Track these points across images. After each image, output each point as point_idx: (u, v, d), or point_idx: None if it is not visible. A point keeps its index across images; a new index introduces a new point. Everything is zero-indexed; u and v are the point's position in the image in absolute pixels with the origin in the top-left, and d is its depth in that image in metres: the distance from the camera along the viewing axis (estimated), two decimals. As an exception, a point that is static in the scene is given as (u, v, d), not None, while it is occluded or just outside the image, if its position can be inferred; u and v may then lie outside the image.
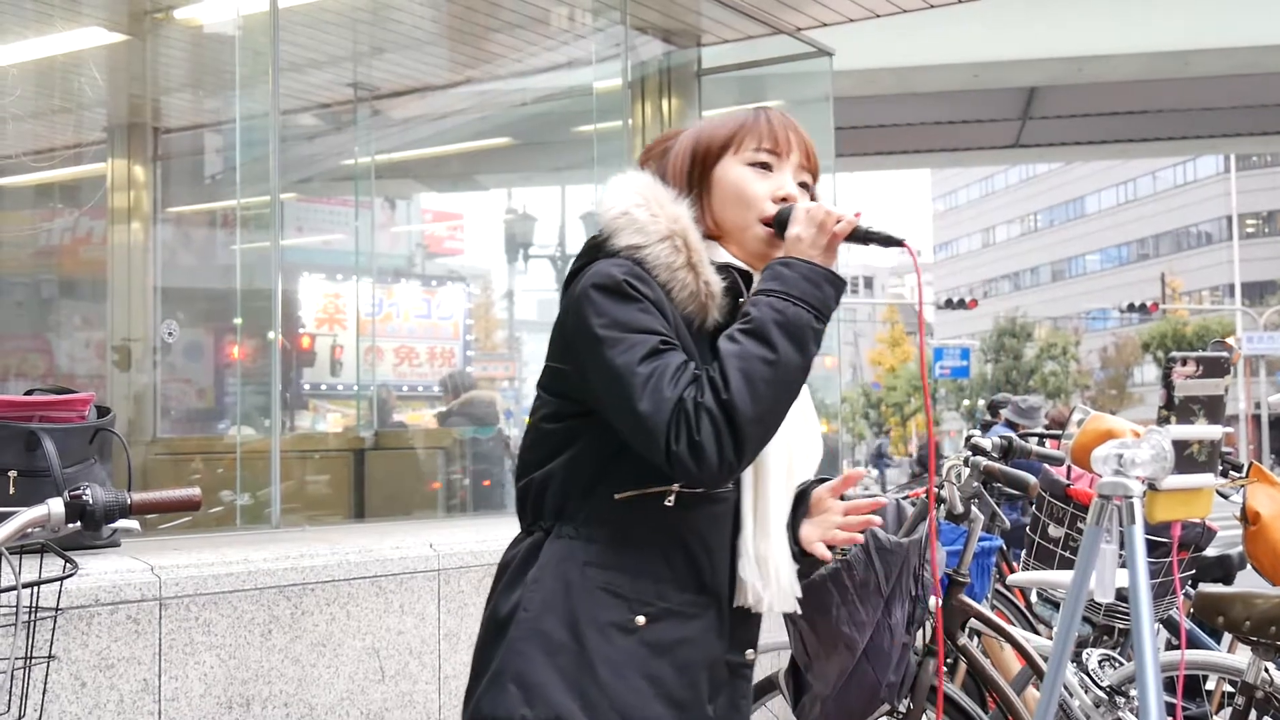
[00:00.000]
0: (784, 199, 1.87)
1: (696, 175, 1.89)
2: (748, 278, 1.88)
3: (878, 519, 1.96)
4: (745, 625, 1.89)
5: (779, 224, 1.85)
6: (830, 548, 2.90)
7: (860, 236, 1.84)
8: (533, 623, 1.77)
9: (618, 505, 1.79)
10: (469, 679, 1.86)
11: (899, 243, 1.85)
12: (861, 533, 2.79)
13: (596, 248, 1.85)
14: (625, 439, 1.76)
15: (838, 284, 1.80)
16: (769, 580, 1.86)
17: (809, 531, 1.95)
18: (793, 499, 1.94)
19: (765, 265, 1.84)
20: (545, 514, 1.85)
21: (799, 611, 1.93)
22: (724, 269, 1.85)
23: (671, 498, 1.79)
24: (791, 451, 1.93)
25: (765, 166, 1.89)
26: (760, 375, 1.70)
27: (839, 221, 1.80)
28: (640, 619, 1.77)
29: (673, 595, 1.80)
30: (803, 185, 1.92)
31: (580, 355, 1.78)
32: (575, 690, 1.74)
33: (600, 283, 1.76)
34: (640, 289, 1.75)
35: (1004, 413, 8.25)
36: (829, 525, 1.96)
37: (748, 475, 1.86)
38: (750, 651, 1.90)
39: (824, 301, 1.77)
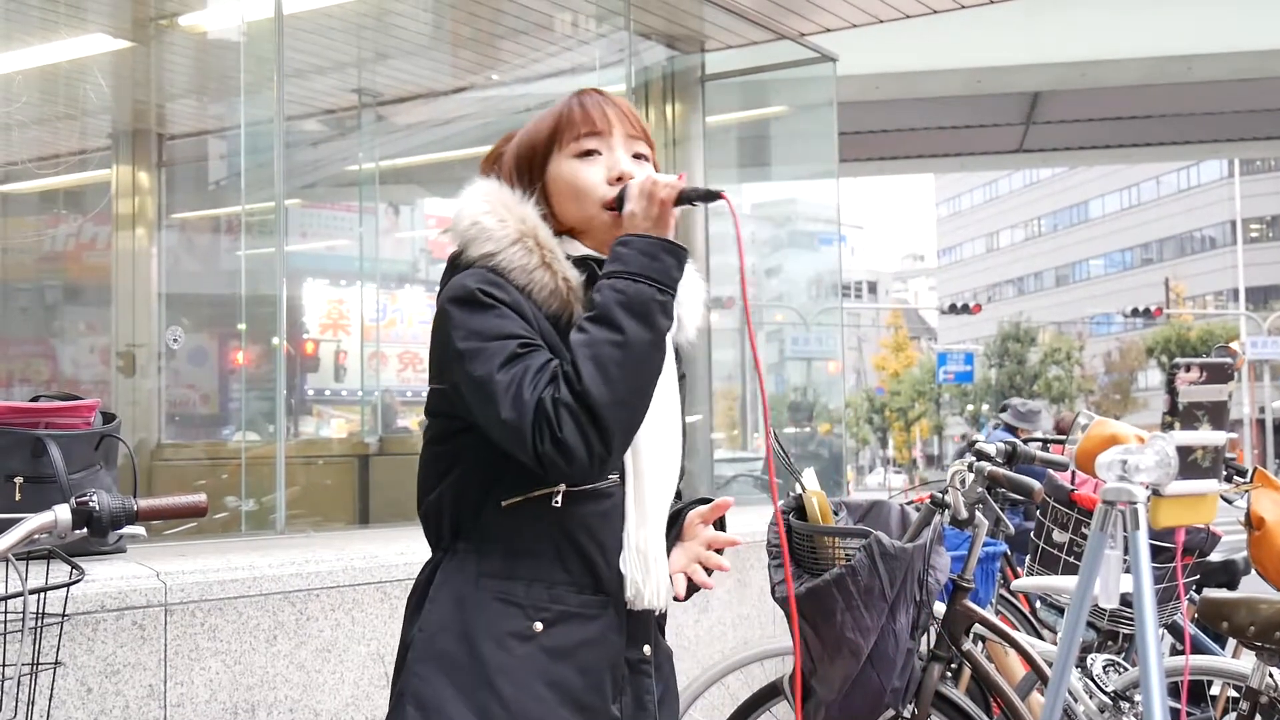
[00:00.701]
0: (620, 178, 1.85)
1: (530, 177, 1.88)
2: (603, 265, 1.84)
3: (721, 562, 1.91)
4: (642, 621, 1.85)
5: (620, 204, 1.83)
6: (832, 554, 2.90)
7: (685, 199, 1.81)
8: (429, 642, 1.77)
9: (507, 513, 1.78)
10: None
11: (718, 195, 1.82)
12: (866, 538, 2.80)
13: (454, 262, 1.85)
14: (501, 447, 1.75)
15: (676, 252, 1.77)
16: (648, 573, 1.81)
17: (676, 558, 1.90)
18: (671, 496, 1.90)
19: None
20: (445, 534, 1.85)
21: (662, 609, 1.87)
22: (581, 261, 1.84)
23: (558, 498, 1.77)
24: (665, 437, 1.88)
25: (593, 153, 1.86)
26: (611, 358, 1.68)
27: (665, 188, 1.78)
28: (538, 625, 1.75)
29: (570, 598, 1.78)
30: (638, 156, 1.89)
31: (450, 372, 1.78)
32: (475, 707, 1.71)
33: (455, 296, 1.76)
34: (495, 295, 1.75)
35: (1003, 416, 8.24)
36: (693, 555, 1.90)
37: (628, 464, 1.83)
38: (647, 647, 1.86)
39: (664, 272, 1.75)
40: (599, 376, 1.67)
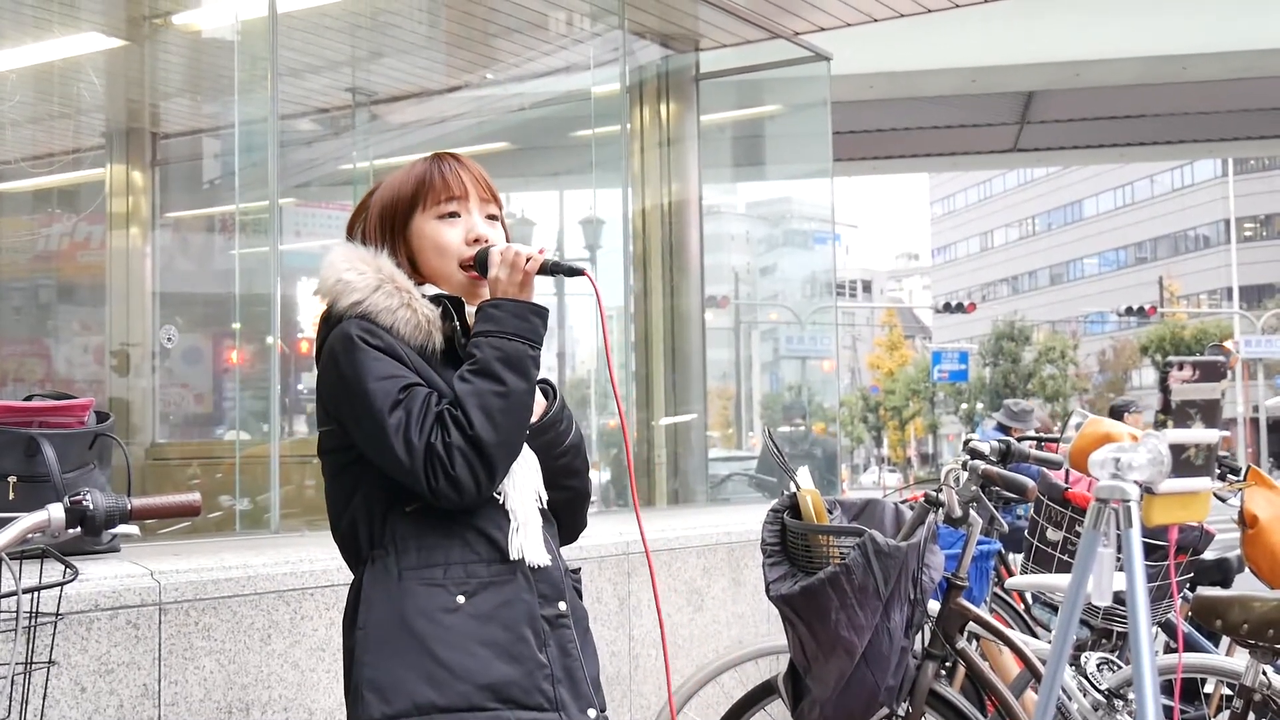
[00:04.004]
0: (477, 240, 2.13)
1: (389, 232, 2.14)
2: (457, 302, 2.12)
3: None
4: (551, 582, 2.07)
5: (479, 265, 2.10)
6: (827, 552, 2.92)
7: (548, 269, 2.09)
8: (371, 635, 1.97)
9: (412, 517, 2.01)
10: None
11: (580, 272, 2.11)
12: (861, 537, 2.80)
13: (327, 317, 2.09)
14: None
15: (542, 313, 2.07)
16: (525, 529, 2.04)
17: None
18: (533, 466, 2.12)
19: (473, 299, 2.11)
20: (361, 551, 2.06)
21: (554, 564, 2.09)
22: (436, 299, 2.10)
23: None
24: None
25: (453, 215, 2.13)
26: (497, 407, 1.97)
27: (528, 260, 2.06)
28: (460, 598, 1.98)
29: (481, 571, 2.01)
30: (490, 217, 2.17)
31: (340, 415, 2.03)
32: (423, 676, 1.93)
33: (337, 345, 2.01)
34: (371, 341, 1.99)
35: (995, 415, 8.26)
36: None
37: None
38: (562, 603, 2.08)
39: (534, 331, 2.05)
40: (488, 424, 1.96)
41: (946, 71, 16.15)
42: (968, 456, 3.35)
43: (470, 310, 2.12)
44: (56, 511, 1.89)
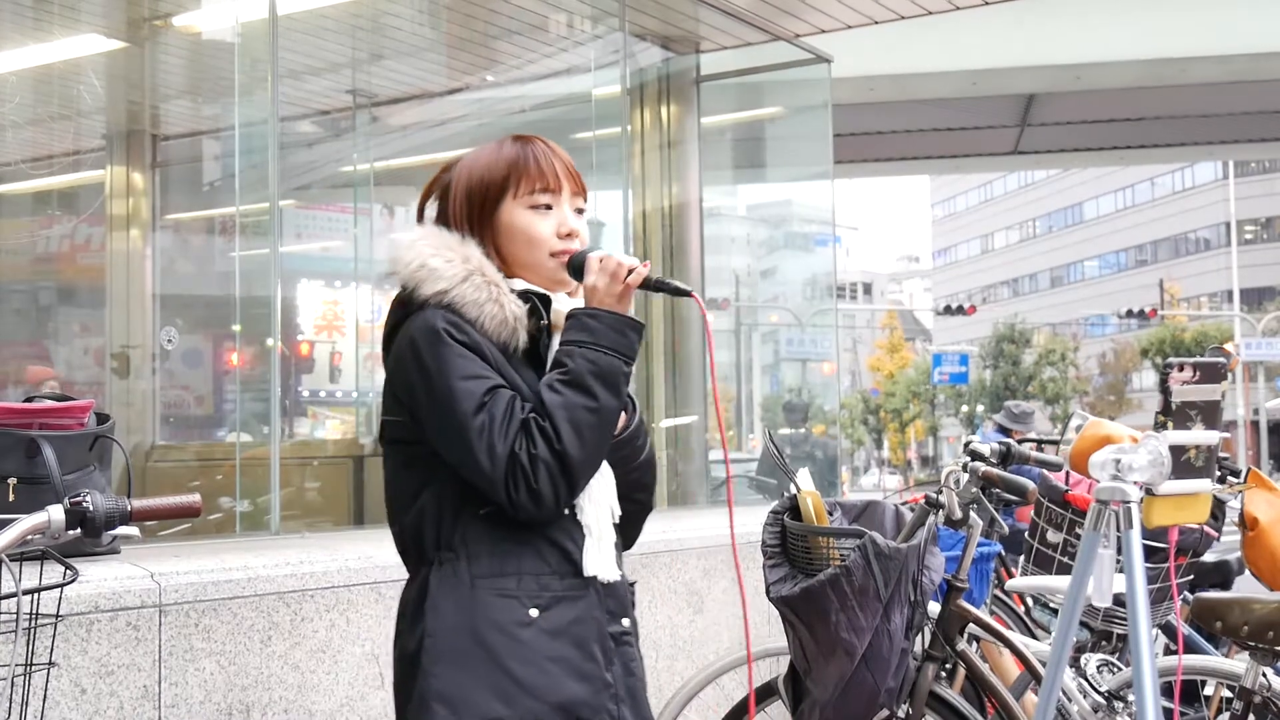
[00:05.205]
0: (569, 234, 2.04)
1: (477, 217, 2.04)
2: (546, 300, 2.04)
3: None
4: (617, 597, 2.02)
5: (573, 268, 2.02)
6: (827, 554, 2.92)
7: (651, 285, 2.00)
8: (440, 645, 1.91)
9: (484, 520, 1.94)
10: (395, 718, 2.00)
11: (687, 293, 2.02)
12: (861, 538, 2.80)
13: (405, 302, 2.00)
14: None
15: (639, 328, 1.99)
16: (600, 545, 1.99)
17: None
18: (609, 476, 2.05)
19: (558, 288, 2.03)
20: (426, 551, 1.98)
21: (621, 580, 2.04)
22: (523, 295, 2.01)
23: None
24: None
25: (546, 206, 2.04)
26: (586, 422, 1.90)
27: (630, 273, 1.98)
28: (534, 611, 1.92)
29: (555, 584, 1.95)
30: (579, 210, 2.08)
31: (416, 407, 1.95)
32: (494, 690, 1.87)
33: (419, 335, 1.93)
34: (457, 335, 1.92)
35: (996, 418, 8.26)
36: None
37: None
38: (626, 620, 2.04)
39: (630, 347, 1.97)
40: (576, 439, 1.89)
41: (947, 74, 16.13)
42: (968, 458, 3.34)
43: (557, 307, 2.04)
44: (56, 513, 1.89)
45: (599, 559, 1.98)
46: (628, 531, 2.14)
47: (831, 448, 9.28)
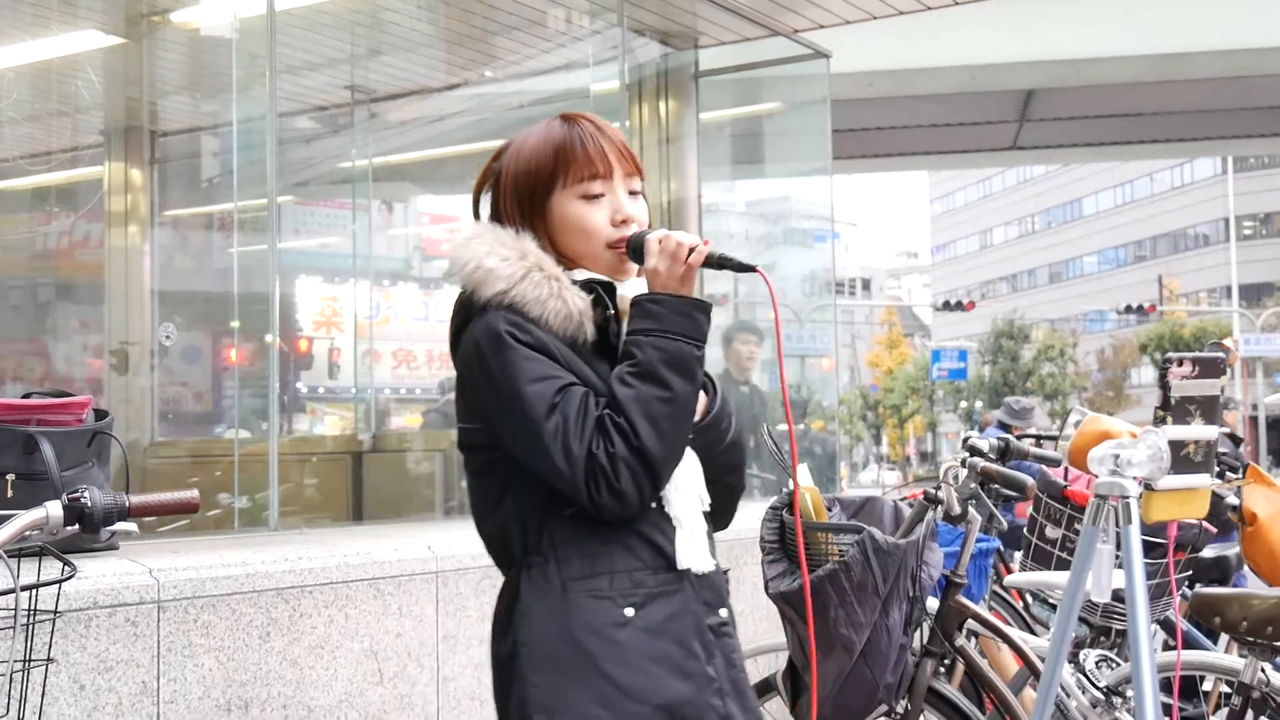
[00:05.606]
0: (624, 221, 1.96)
1: (527, 211, 1.97)
2: (609, 288, 1.97)
3: None
4: (714, 588, 1.96)
5: (633, 251, 1.94)
6: (825, 549, 2.91)
7: (714, 263, 1.92)
8: (536, 653, 1.86)
9: (571, 521, 1.88)
10: None
11: (751, 268, 1.94)
12: (859, 534, 2.80)
13: (467, 304, 1.94)
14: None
15: (706, 309, 1.91)
16: (691, 536, 1.93)
17: None
18: (696, 463, 1.99)
19: (622, 275, 1.97)
20: (514, 555, 1.93)
21: (716, 569, 1.98)
22: (585, 284, 1.94)
23: None
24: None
25: (597, 195, 1.96)
26: (662, 414, 1.84)
27: (691, 252, 1.90)
28: (629, 610, 1.86)
29: (648, 580, 1.89)
30: (633, 193, 2.00)
31: (487, 414, 1.90)
32: (596, 697, 1.82)
33: (484, 341, 1.87)
34: (521, 337, 1.85)
35: (996, 414, 8.27)
36: None
37: None
38: (724, 610, 1.97)
39: (698, 330, 1.89)
40: (654, 433, 1.82)
41: (946, 69, 16.12)
42: (966, 454, 3.34)
43: (622, 293, 1.97)
44: (55, 509, 1.89)
45: (691, 550, 1.92)
46: (720, 514, 2.05)
47: (830, 443, 9.27)
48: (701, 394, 1.96)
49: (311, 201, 10.77)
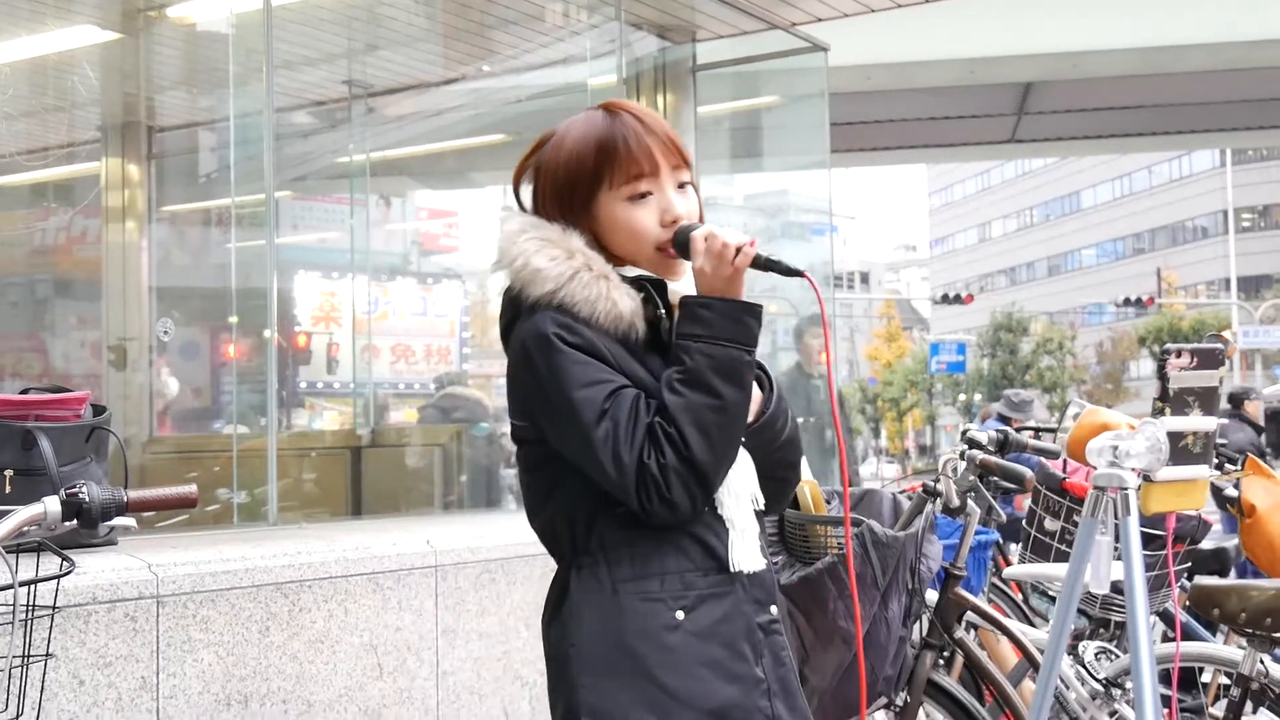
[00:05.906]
0: (673, 221, 1.91)
1: (572, 207, 1.91)
2: (660, 285, 1.93)
3: None
4: (763, 586, 1.93)
5: (679, 247, 1.89)
6: (825, 542, 2.91)
7: (761, 264, 1.87)
8: (586, 655, 1.84)
9: (621, 520, 1.85)
10: None
11: (799, 273, 1.88)
12: (859, 527, 2.80)
13: (515, 301, 1.90)
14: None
15: (756, 312, 1.86)
16: (743, 538, 1.89)
17: None
18: (749, 465, 1.96)
19: (672, 274, 1.92)
20: (564, 550, 1.92)
21: (766, 566, 1.95)
22: (635, 282, 1.90)
23: None
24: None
25: (645, 195, 1.90)
26: (713, 423, 1.79)
27: (737, 253, 1.84)
28: (679, 613, 1.83)
29: (699, 581, 1.85)
30: (681, 185, 1.95)
31: (536, 415, 1.87)
32: (645, 702, 1.80)
33: (532, 343, 1.83)
34: (570, 339, 1.81)
35: (995, 406, 8.29)
36: None
37: None
38: (774, 608, 1.94)
39: (748, 334, 1.85)
40: (704, 443, 1.78)
41: (944, 62, 16.11)
42: (965, 446, 3.35)
43: (674, 289, 1.93)
44: (53, 504, 1.89)
45: (744, 552, 1.88)
46: (772, 509, 2.01)
47: (829, 439, 9.27)
48: (757, 390, 1.92)
49: (309, 197, 10.77)
